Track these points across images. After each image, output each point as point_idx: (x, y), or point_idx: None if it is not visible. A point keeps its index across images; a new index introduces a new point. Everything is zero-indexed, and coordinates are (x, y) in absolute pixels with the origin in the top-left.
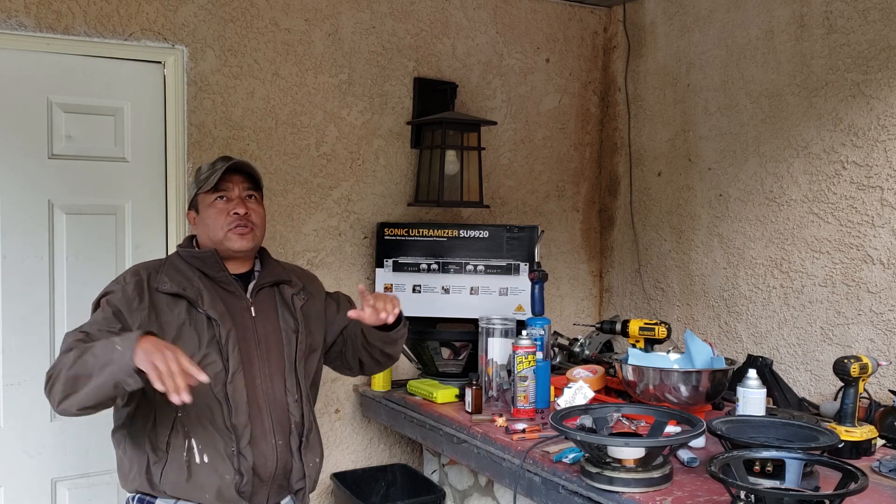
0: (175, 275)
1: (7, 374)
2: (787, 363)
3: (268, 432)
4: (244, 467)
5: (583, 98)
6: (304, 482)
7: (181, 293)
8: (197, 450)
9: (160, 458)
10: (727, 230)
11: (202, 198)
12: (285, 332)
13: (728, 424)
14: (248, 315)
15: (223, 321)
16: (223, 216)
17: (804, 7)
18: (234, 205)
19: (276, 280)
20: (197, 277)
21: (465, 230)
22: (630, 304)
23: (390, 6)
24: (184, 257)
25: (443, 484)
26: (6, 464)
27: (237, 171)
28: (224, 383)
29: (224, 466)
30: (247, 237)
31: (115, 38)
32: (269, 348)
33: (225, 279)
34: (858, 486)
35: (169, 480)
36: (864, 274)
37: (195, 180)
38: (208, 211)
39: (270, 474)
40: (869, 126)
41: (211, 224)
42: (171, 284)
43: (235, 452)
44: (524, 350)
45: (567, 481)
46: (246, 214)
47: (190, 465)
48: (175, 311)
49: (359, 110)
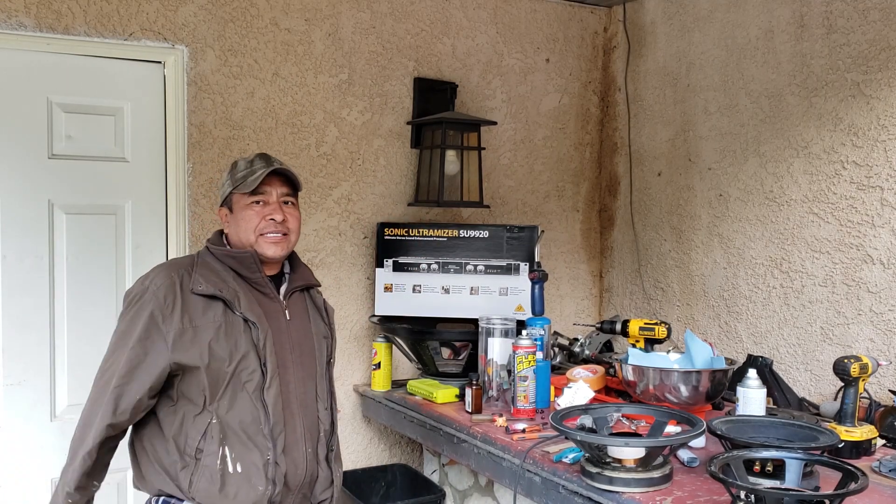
0: (210, 275)
1: (7, 374)
2: (787, 363)
3: (300, 440)
4: (277, 477)
5: (583, 98)
6: (331, 491)
7: (218, 294)
8: (230, 458)
9: (188, 463)
10: (727, 230)
11: (238, 198)
12: (317, 336)
13: (728, 424)
14: (283, 318)
15: (261, 324)
16: (257, 219)
17: (804, 7)
18: (270, 209)
19: (307, 284)
20: (231, 278)
21: (465, 230)
22: (630, 304)
23: (390, 6)
24: (218, 256)
25: (443, 484)
26: (6, 464)
27: (276, 174)
28: (262, 389)
29: (258, 477)
30: (280, 245)
31: (115, 37)
32: (303, 353)
33: (261, 281)
34: (858, 486)
35: (200, 488)
36: (864, 274)
37: (230, 176)
38: (244, 213)
39: (299, 483)
40: (869, 126)
41: (244, 226)
42: (207, 285)
43: (271, 461)
44: (524, 350)
45: (567, 481)
46: (283, 221)
47: (223, 474)
48: (210, 314)
49: (359, 110)
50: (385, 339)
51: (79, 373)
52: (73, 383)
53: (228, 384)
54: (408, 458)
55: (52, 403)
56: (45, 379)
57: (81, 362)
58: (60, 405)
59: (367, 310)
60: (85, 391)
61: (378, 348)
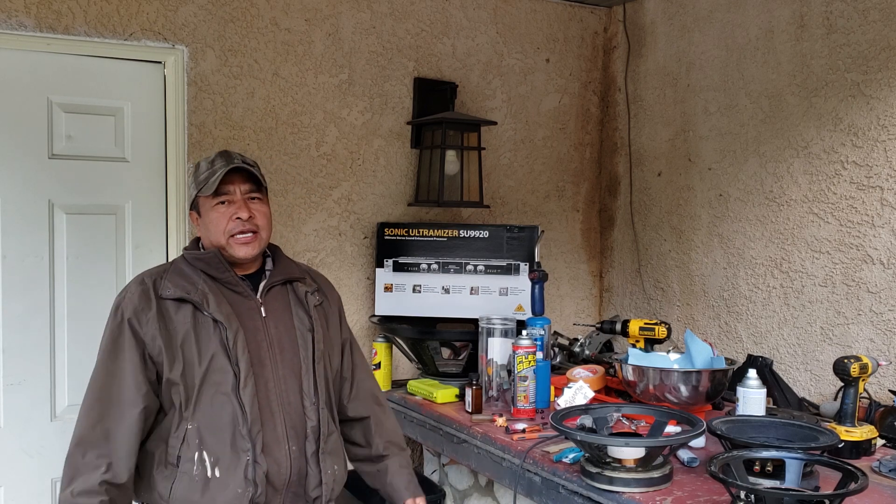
0: (178, 279)
1: (7, 374)
2: (787, 363)
3: (281, 438)
4: (258, 477)
5: (583, 98)
6: (321, 490)
7: (185, 297)
8: (209, 462)
9: (171, 472)
10: (727, 230)
11: (203, 200)
12: (300, 331)
13: (728, 424)
14: (257, 316)
15: (230, 323)
16: (225, 221)
17: (804, 7)
18: (235, 208)
19: (287, 278)
20: (202, 280)
21: (465, 230)
22: (630, 304)
23: (390, 6)
24: (188, 260)
25: (443, 484)
26: (6, 464)
27: (237, 171)
28: (237, 389)
29: (236, 480)
30: (251, 244)
31: (116, 38)
32: (283, 349)
33: (231, 279)
34: (858, 486)
35: (178, 496)
36: (864, 274)
37: (194, 179)
38: (210, 215)
39: (284, 482)
40: (869, 126)
41: (213, 229)
42: (175, 289)
43: (251, 461)
44: (524, 350)
45: (567, 481)
46: (250, 218)
47: (202, 478)
48: (180, 317)
49: (359, 110)
50: (385, 339)
51: (79, 373)
52: (73, 383)
53: (202, 387)
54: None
55: (52, 403)
56: (45, 379)
57: (81, 362)
58: (60, 405)
59: (367, 310)
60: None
61: (378, 348)
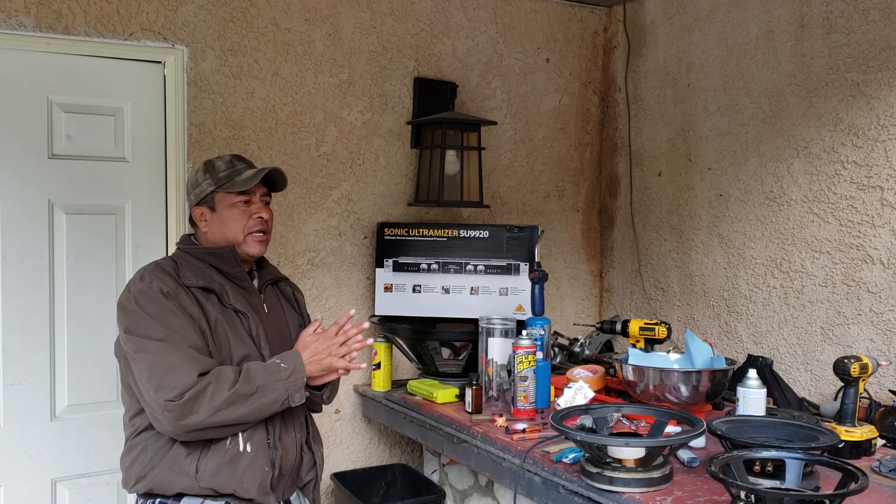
0: (195, 270)
1: (7, 374)
2: (787, 363)
3: (289, 425)
4: (276, 459)
5: (583, 98)
6: (315, 472)
7: (209, 286)
8: (242, 437)
9: (194, 449)
10: (727, 230)
11: (223, 196)
12: (292, 325)
13: (728, 424)
14: (262, 311)
15: (251, 315)
16: (245, 218)
17: (804, 7)
18: (257, 208)
19: (276, 278)
20: (214, 274)
21: (465, 230)
22: (630, 304)
23: (390, 6)
24: (194, 255)
25: (443, 484)
26: (6, 464)
27: (270, 172)
28: None
29: (264, 458)
30: (264, 243)
31: (115, 38)
32: (282, 342)
33: (240, 275)
34: (858, 486)
35: (209, 468)
36: (864, 274)
37: (211, 177)
38: (230, 212)
39: (290, 469)
40: (869, 126)
41: (231, 225)
42: (197, 279)
43: (272, 444)
44: (524, 350)
45: (567, 481)
46: (267, 220)
47: (234, 453)
48: (209, 304)
49: (359, 110)
50: (385, 339)
51: (79, 373)
52: (73, 383)
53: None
54: (408, 458)
55: (52, 403)
56: (45, 379)
57: (81, 362)
58: (60, 405)
59: (368, 310)
60: (85, 391)
61: (378, 348)
